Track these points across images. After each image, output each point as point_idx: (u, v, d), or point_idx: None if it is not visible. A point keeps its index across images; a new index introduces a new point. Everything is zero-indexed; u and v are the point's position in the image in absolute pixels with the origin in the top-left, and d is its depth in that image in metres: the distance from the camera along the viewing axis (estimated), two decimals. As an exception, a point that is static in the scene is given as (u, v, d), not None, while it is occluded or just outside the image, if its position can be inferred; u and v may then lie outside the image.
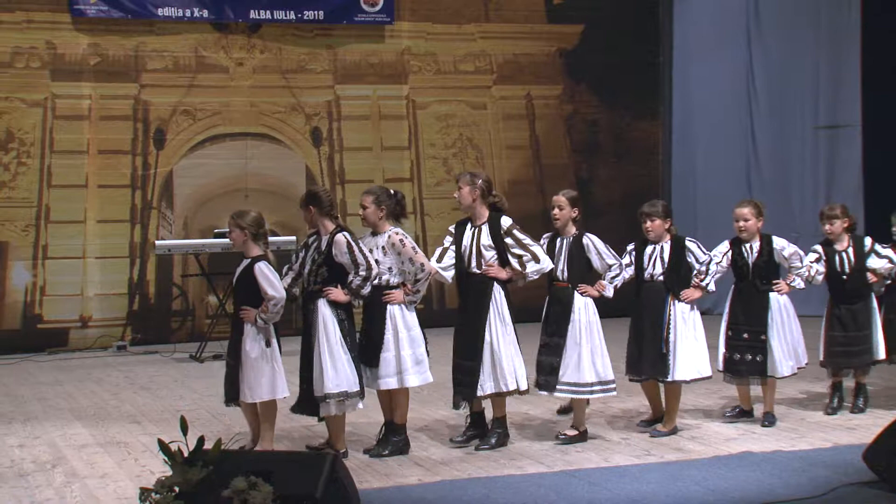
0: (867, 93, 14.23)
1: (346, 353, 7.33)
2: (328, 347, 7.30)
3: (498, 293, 7.65)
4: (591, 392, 7.80)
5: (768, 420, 8.26)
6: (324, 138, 14.31)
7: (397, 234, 7.55)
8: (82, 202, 13.34)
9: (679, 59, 15.74)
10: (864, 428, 8.10)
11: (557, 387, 7.78)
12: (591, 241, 7.88)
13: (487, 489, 6.64)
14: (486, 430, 7.84)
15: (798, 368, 8.41)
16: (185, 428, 5.79)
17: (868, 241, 8.66)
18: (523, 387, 7.69)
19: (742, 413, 8.49)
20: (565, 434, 7.86)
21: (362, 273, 7.33)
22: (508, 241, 7.66)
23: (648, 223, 8.03)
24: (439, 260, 7.75)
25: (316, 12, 14.01)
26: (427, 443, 7.91)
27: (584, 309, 7.80)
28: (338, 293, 7.34)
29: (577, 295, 7.81)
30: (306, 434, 8.15)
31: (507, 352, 7.62)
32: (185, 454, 5.66)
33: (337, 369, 7.29)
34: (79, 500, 6.61)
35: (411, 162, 14.67)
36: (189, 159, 13.77)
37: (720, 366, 8.35)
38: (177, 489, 5.59)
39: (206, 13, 13.64)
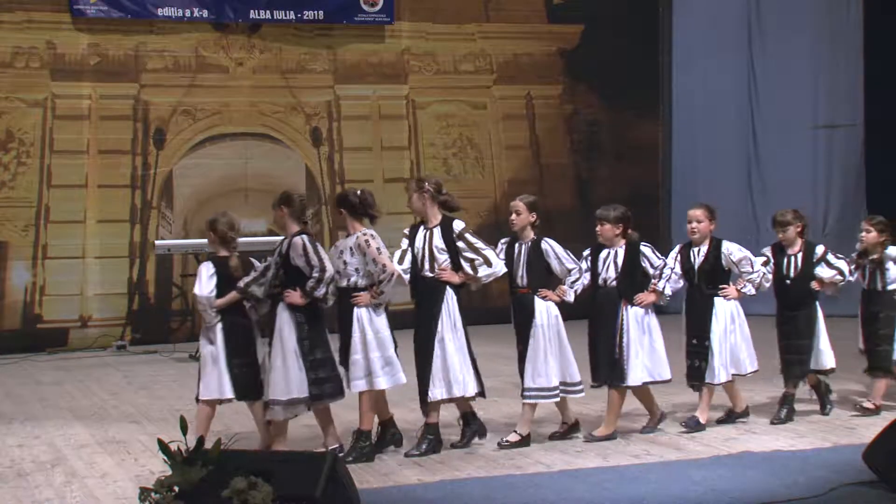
0: (867, 93, 14.24)
1: (300, 359, 7.30)
2: (281, 353, 7.29)
3: (450, 298, 7.55)
4: (556, 395, 7.73)
5: (689, 424, 8.08)
6: (324, 138, 14.31)
7: (364, 234, 7.47)
8: (82, 202, 13.34)
9: (679, 59, 15.73)
10: (864, 428, 8.09)
11: (526, 393, 7.70)
12: (550, 246, 7.76)
13: (487, 489, 6.64)
14: (479, 425, 7.81)
15: (738, 375, 8.18)
16: (184, 428, 5.79)
17: (820, 248, 8.46)
18: (470, 392, 7.58)
19: (735, 415, 8.37)
20: (507, 441, 7.71)
21: (315, 275, 7.28)
22: (461, 244, 7.57)
23: (598, 227, 7.96)
24: (400, 262, 7.62)
25: (316, 12, 14.01)
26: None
27: (545, 313, 7.71)
28: (294, 296, 7.31)
29: (538, 300, 7.71)
30: (308, 434, 8.15)
31: (457, 357, 7.52)
32: (185, 454, 5.66)
33: (287, 376, 7.26)
34: (79, 500, 6.61)
35: (411, 162, 14.68)
36: (189, 159, 13.78)
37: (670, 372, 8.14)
38: (177, 489, 5.59)
39: (206, 13, 13.64)
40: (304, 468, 5.70)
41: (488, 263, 7.57)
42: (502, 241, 7.93)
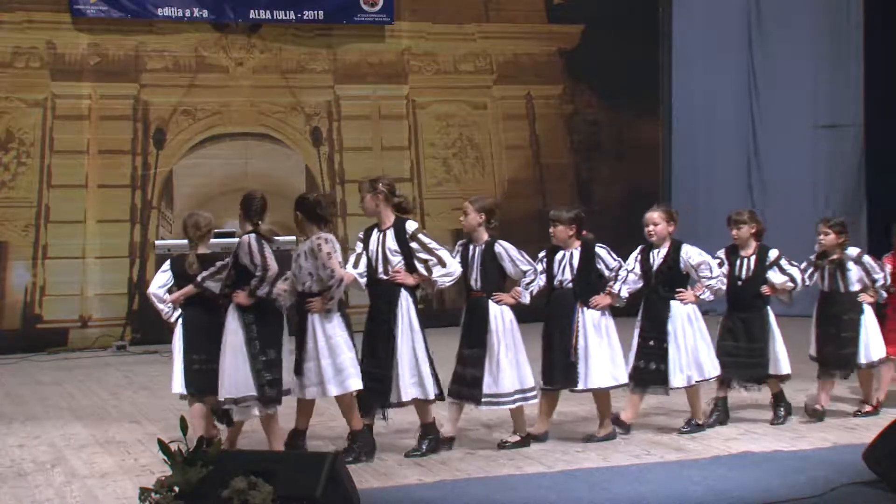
0: (867, 93, 14.24)
1: (249, 359, 7.25)
2: (231, 352, 7.26)
3: (405, 300, 7.49)
4: (513, 402, 7.61)
5: (690, 427, 8.04)
6: (324, 138, 14.31)
7: (318, 238, 7.40)
8: (82, 202, 13.34)
9: (679, 58, 15.73)
10: (864, 428, 8.10)
11: (483, 400, 7.59)
12: (504, 248, 7.66)
13: (487, 489, 6.64)
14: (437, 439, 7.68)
15: (699, 381, 8.03)
16: (185, 428, 5.79)
17: (774, 252, 8.34)
18: (432, 394, 7.54)
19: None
20: (508, 441, 7.70)
21: (258, 274, 7.25)
22: (414, 245, 7.51)
23: (551, 228, 7.89)
24: (355, 266, 7.57)
25: (316, 12, 14.00)
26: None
27: (500, 317, 7.62)
28: (241, 296, 7.27)
29: (492, 304, 7.62)
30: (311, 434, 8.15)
31: (422, 358, 7.49)
32: (185, 454, 5.66)
33: (234, 376, 7.23)
34: (79, 500, 6.61)
35: (411, 162, 14.67)
36: (189, 159, 13.78)
37: (627, 373, 8.04)
38: (177, 489, 5.60)
39: (206, 13, 13.64)
40: (304, 468, 5.70)
41: (442, 264, 7.50)
42: (459, 243, 7.85)
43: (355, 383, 7.38)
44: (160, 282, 7.75)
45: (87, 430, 8.53)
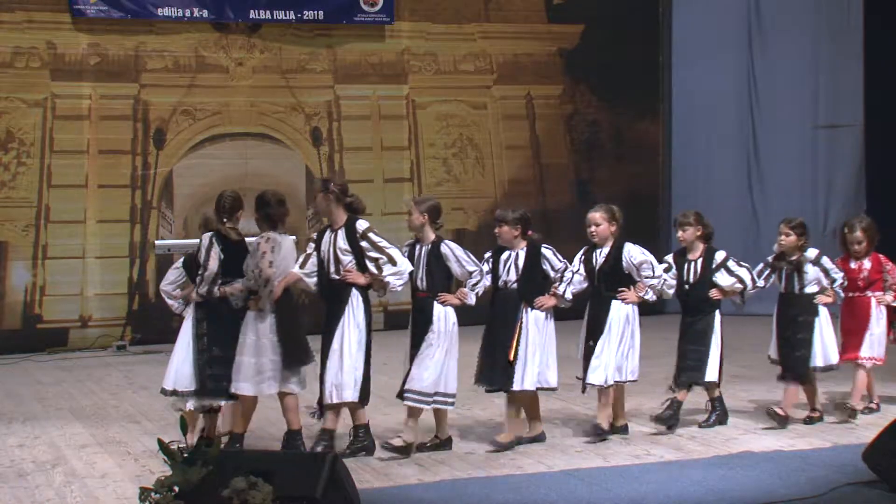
0: (867, 92, 14.25)
1: (194, 354, 7.51)
2: (179, 346, 7.60)
3: (355, 299, 7.44)
4: (432, 402, 7.50)
5: (597, 432, 7.88)
6: (324, 138, 14.31)
7: (261, 237, 7.56)
8: (82, 202, 13.34)
9: (679, 59, 15.74)
10: (864, 428, 8.10)
11: (405, 395, 7.49)
12: (450, 249, 7.59)
13: (487, 489, 6.64)
14: (371, 441, 7.63)
15: (621, 383, 7.92)
16: (185, 428, 5.79)
17: (721, 255, 8.26)
18: (354, 398, 7.40)
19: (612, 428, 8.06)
20: (390, 443, 7.47)
21: (200, 272, 7.52)
22: (364, 244, 7.45)
23: (497, 228, 7.82)
24: (302, 266, 7.57)
25: (316, 12, 14.00)
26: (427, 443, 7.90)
27: (443, 319, 7.53)
28: (191, 292, 7.63)
29: (436, 305, 7.53)
30: (309, 434, 8.14)
31: (355, 361, 7.40)
32: (185, 454, 5.66)
33: (180, 370, 7.55)
34: (79, 500, 6.61)
35: (411, 162, 14.67)
36: (189, 159, 13.77)
37: (579, 376, 7.97)
38: (177, 489, 5.60)
39: (206, 13, 13.64)
40: (304, 468, 5.70)
41: (392, 262, 7.44)
42: (406, 243, 7.79)
43: (268, 387, 7.45)
44: (169, 279, 7.97)
45: (87, 430, 8.53)
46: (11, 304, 13.06)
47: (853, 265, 8.54)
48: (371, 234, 7.48)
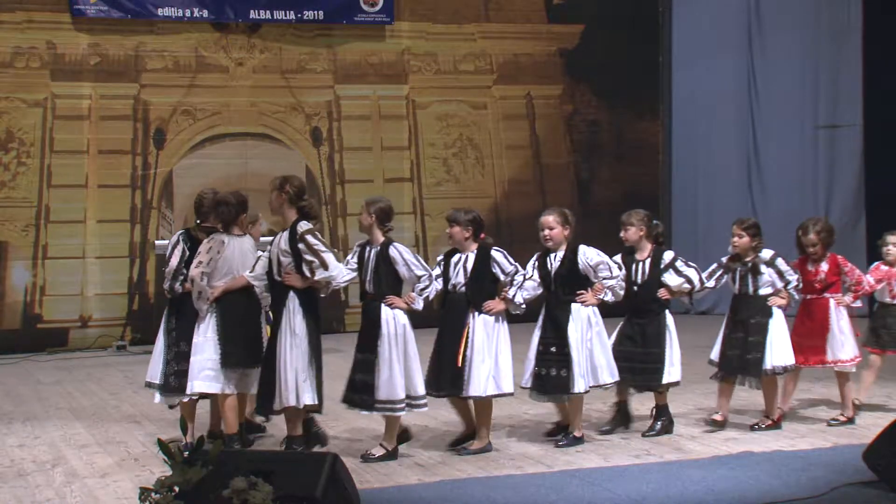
0: (867, 92, 14.24)
1: (163, 349, 7.79)
2: (158, 339, 7.92)
3: (292, 303, 7.27)
4: (403, 409, 7.36)
5: (567, 440, 7.74)
6: (324, 138, 14.31)
7: (207, 238, 7.69)
8: (82, 202, 13.35)
9: (679, 59, 15.74)
10: (864, 428, 8.10)
11: (376, 405, 7.33)
12: (398, 252, 7.38)
13: (487, 489, 6.64)
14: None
15: (595, 387, 7.75)
16: (185, 428, 5.79)
17: (669, 255, 8.10)
18: (303, 403, 7.23)
19: (563, 427, 7.95)
20: (372, 454, 7.41)
21: (164, 268, 7.92)
22: (301, 246, 7.26)
23: (448, 229, 7.69)
24: (252, 269, 7.58)
25: (316, 12, 14.01)
26: (427, 443, 7.90)
27: (392, 322, 7.34)
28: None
29: (384, 308, 7.35)
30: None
31: (291, 366, 7.23)
32: (185, 454, 5.66)
33: (154, 362, 7.86)
34: (79, 500, 6.61)
35: (411, 162, 14.68)
36: (189, 159, 13.78)
37: (526, 381, 7.78)
38: (177, 489, 5.60)
39: (206, 13, 13.65)
40: (304, 468, 5.70)
41: (324, 266, 7.22)
42: (357, 244, 7.64)
43: (198, 385, 7.46)
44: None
45: (87, 430, 8.53)
46: (11, 304, 13.06)
47: (810, 267, 8.35)
48: (308, 237, 7.27)
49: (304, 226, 7.33)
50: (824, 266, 8.37)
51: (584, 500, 6.42)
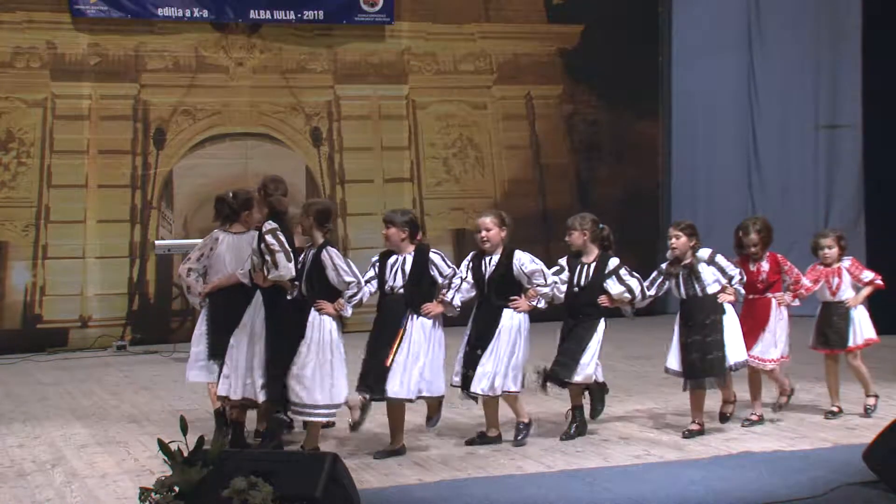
0: (867, 93, 14.23)
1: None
2: None
3: (257, 300, 7.37)
4: (320, 415, 7.30)
5: (522, 432, 7.76)
6: (324, 138, 14.31)
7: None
8: (82, 202, 13.34)
9: (679, 59, 15.74)
10: (864, 428, 8.10)
11: (293, 408, 7.31)
12: (329, 256, 7.30)
13: (487, 489, 6.64)
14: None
15: (507, 392, 7.68)
16: (185, 428, 5.79)
17: (614, 262, 8.02)
18: (260, 399, 7.35)
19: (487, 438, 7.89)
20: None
21: None
22: (262, 246, 7.28)
23: (384, 230, 7.59)
24: (242, 267, 7.66)
25: (316, 12, 14.01)
26: (427, 443, 7.90)
27: (317, 327, 7.27)
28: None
29: (313, 312, 7.28)
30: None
31: (249, 362, 7.36)
32: (185, 454, 5.66)
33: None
34: (79, 500, 6.61)
35: (411, 162, 14.67)
36: (189, 159, 13.78)
37: (455, 381, 7.79)
38: (177, 489, 5.60)
39: (206, 13, 13.64)
40: (304, 468, 5.70)
41: (275, 266, 7.20)
42: (307, 245, 7.54)
43: (192, 376, 7.93)
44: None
45: (87, 430, 8.54)
46: (11, 304, 13.06)
47: (752, 267, 8.32)
48: (268, 237, 7.25)
49: (268, 225, 7.34)
50: (765, 265, 8.37)
51: (584, 500, 6.42)
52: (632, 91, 15.41)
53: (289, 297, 7.44)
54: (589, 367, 7.92)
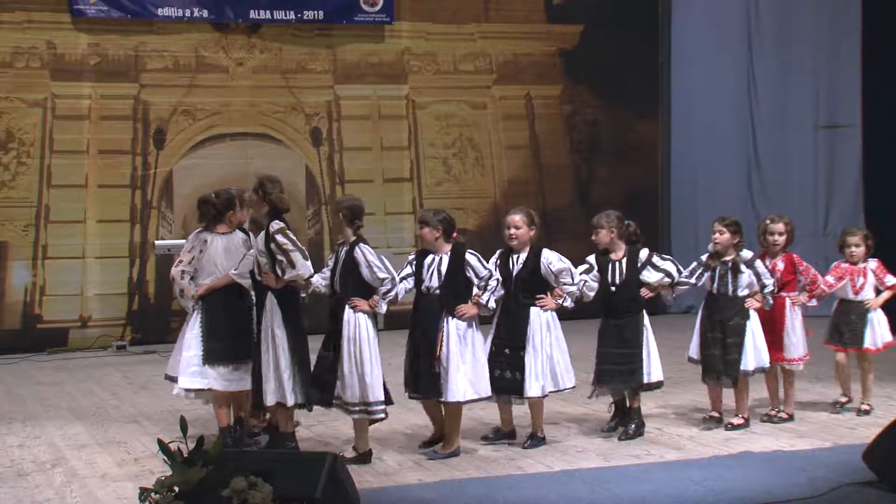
0: (867, 93, 14.24)
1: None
2: None
3: (269, 301, 7.27)
4: (356, 413, 7.30)
5: (532, 442, 7.75)
6: (324, 138, 14.31)
7: (191, 237, 7.96)
8: (82, 202, 13.34)
9: (679, 59, 15.73)
10: (864, 428, 8.11)
11: (334, 403, 7.33)
12: (362, 253, 7.27)
13: (487, 489, 6.65)
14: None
15: (555, 391, 7.78)
16: (184, 428, 5.79)
17: (644, 252, 8.01)
18: (290, 402, 7.25)
19: (502, 434, 7.94)
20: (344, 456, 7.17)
21: None
22: (272, 246, 7.21)
23: (418, 230, 7.59)
24: (237, 268, 7.63)
25: (316, 12, 14.00)
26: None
27: (353, 324, 7.26)
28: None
29: (348, 309, 7.27)
30: (307, 435, 8.15)
31: (272, 365, 7.25)
32: (185, 454, 5.66)
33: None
34: (79, 500, 6.61)
35: (411, 162, 14.67)
36: (189, 159, 13.78)
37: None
38: (177, 489, 5.60)
39: (206, 13, 13.64)
40: (304, 468, 5.70)
41: (291, 266, 7.15)
42: (338, 243, 7.58)
43: (184, 381, 7.64)
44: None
45: (87, 430, 8.54)
46: (11, 304, 13.06)
47: (767, 264, 8.36)
48: (278, 236, 7.20)
49: (275, 225, 7.28)
50: (780, 265, 8.40)
51: (584, 500, 6.42)
52: (631, 91, 15.38)
53: (302, 296, 7.44)
54: (654, 365, 7.99)
